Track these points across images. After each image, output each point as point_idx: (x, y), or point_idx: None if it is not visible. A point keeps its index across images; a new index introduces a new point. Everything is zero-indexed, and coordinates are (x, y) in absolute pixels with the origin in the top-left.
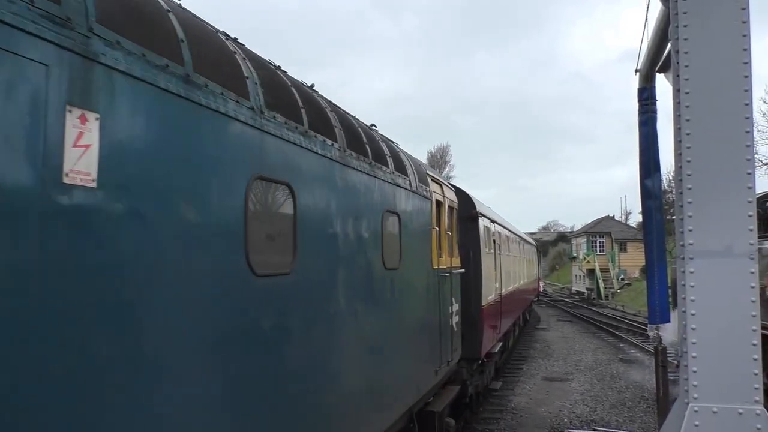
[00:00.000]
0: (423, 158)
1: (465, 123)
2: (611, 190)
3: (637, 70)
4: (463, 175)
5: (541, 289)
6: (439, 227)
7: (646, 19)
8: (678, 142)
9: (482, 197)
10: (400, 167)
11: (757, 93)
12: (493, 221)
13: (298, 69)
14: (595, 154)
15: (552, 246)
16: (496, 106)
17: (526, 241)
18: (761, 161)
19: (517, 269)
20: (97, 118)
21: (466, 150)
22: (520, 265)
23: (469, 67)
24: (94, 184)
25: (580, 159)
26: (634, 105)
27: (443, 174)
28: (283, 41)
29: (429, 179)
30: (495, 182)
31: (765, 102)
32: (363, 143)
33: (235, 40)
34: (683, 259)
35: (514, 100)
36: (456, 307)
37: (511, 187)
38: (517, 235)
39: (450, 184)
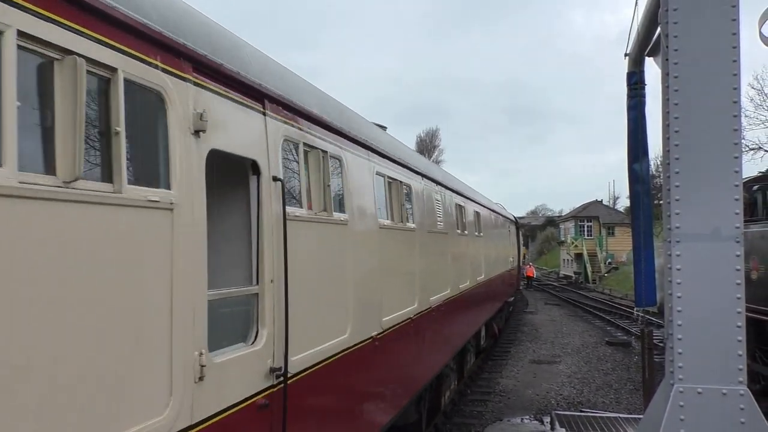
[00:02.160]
0: (411, 143)
1: (457, 106)
2: (600, 174)
3: (626, 54)
4: (454, 160)
5: (534, 275)
6: None
7: (636, 3)
8: (666, 126)
9: (472, 182)
10: None
11: (746, 78)
12: (307, 118)
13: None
14: (584, 137)
15: (540, 230)
16: (488, 88)
17: (497, 213)
18: (748, 146)
19: (465, 258)
20: None
21: (457, 135)
22: (474, 248)
23: (463, 49)
24: None
25: (569, 143)
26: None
27: (432, 158)
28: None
29: None
30: (485, 167)
31: (753, 87)
32: None
33: None
34: (670, 242)
35: (507, 82)
36: None
37: (501, 172)
38: (468, 197)
39: None
